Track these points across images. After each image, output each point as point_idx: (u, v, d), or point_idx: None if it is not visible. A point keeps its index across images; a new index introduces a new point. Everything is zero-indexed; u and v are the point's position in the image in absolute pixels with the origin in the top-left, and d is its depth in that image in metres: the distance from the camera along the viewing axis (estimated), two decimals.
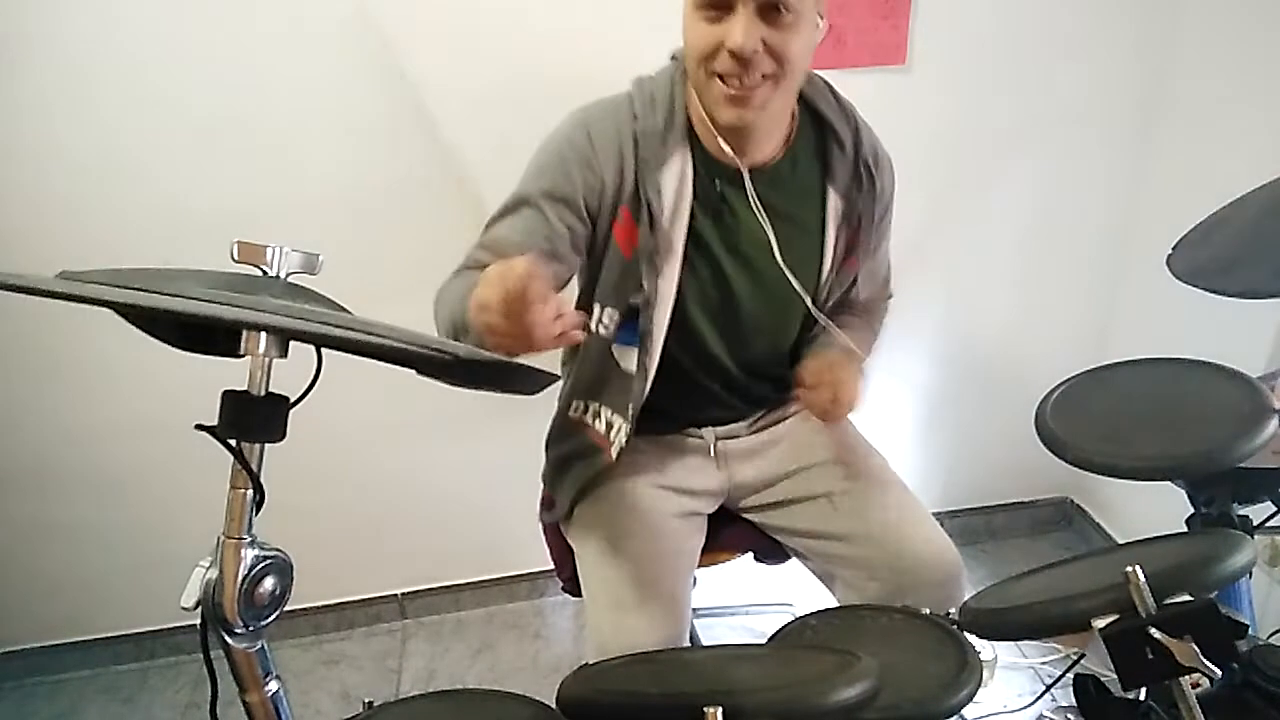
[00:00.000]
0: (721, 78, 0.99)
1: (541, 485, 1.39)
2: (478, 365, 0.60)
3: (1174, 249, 1.12)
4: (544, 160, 1.09)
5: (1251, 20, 1.54)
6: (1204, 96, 1.66)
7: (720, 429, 1.31)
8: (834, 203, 1.15)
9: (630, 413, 1.17)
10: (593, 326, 1.15)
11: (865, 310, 1.33)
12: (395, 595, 2.02)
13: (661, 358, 1.15)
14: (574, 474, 1.25)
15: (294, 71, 1.46)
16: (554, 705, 0.90)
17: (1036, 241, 1.86)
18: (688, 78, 1.08)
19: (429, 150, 1.56)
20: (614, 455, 1.19)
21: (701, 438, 1.30)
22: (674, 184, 1.07)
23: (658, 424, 1.27)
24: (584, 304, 1.17)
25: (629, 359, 1.16)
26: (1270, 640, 1.13)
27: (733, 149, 1.07)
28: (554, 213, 1.06)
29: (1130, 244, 1.85)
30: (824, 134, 1.14)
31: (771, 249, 1.11)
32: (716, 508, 1.32)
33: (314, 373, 0.73)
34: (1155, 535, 1.04)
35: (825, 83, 1.15)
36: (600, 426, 1.22)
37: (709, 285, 1.14)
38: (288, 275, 0.77)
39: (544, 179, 1.07)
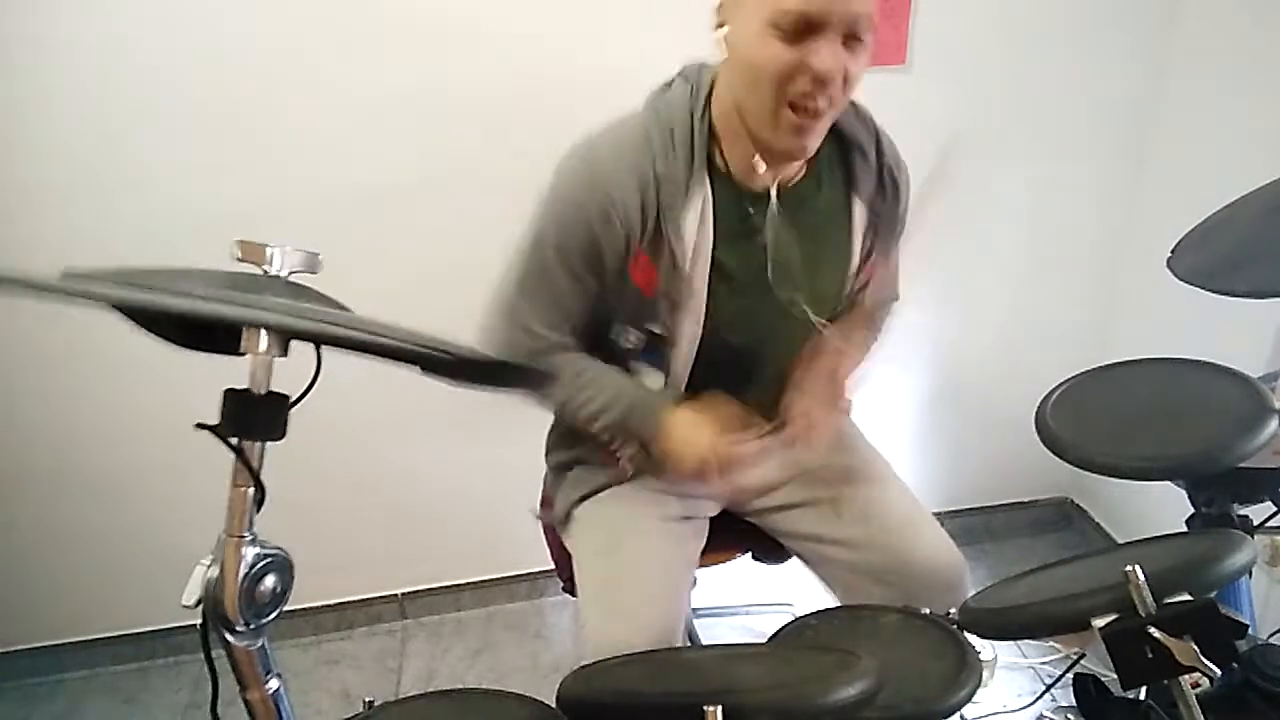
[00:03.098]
0: (792, 106, 0.95)
1: (542, 486, 1.40)
2: (478, 364, 0.60)
3: (1174, 252, 1.12)
4: (562, 218, 1.06)
5: (1250, 20, 1.54)
6: (1203, 96, 1.66)
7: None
8: (860, 212, 1.13)
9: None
10: (616, 339, 1.13)
11: (868, 313, 1.30)
12: (395, 595, 2.02)
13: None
14: (574, 478, 1.25)
15: (295, 71, 1.46)
16: (554, 705, 0.90)
17: (1036, 241, 1.86)
18: (709, 102, 1.05)
19: (430, 150, 1.56)
20: (630, 470, 1.21)
21: None
22: (695, 224, 1.05)
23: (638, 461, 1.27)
24: (599, 319, 1.15)
25: (651, 378, 1.16)
26: (1270, 640, 1.13)
27: (781, 161, 1.05)
28: (583, 269, 1.07)
29: (1130, 244, 1.85)
30: (846, 145, 1.12)
31: (792, 272, 1.10)
32: (718, 512, 1.32)
33: (314, 372, 0.73)
34: (1155, 535, 1.04)
35: None
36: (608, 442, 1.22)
37: (733, 315, 1.12)
38: (289, 274, 0.77)
39: (567, 240, 1.05)
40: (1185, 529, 1.16)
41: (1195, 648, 0.73)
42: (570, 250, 1.05)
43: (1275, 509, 1.11)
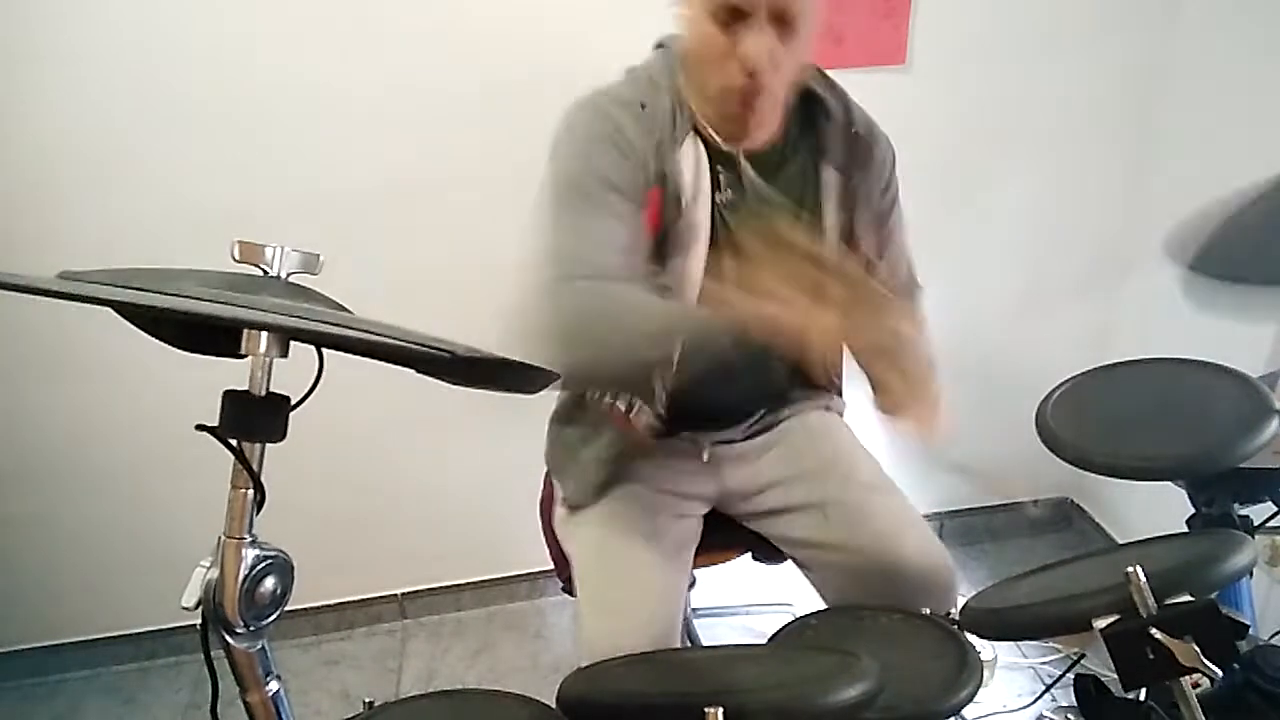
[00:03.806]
0: (728, 92, 0.98)
1: (541, 486, 1.39)
2: (478, 364, 0.60)
3: (1172, 251, 1.11)
4: (581, 149, 1.05)
5: (1251, 19, 1.54)
6: (1203, 95, 1.66)
7: (714, 434, 1.30)
8: (829, 178, 1.13)
9: (660, 395, 1.13)
10: None
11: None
12: (395, 595, 2.02)
13: None
14: (586, 459, 1.23)
15: (295, 72, 1.46)
16: (554, 705, 0.90)
17: (1036, 241, 1.86)
18: (684, 69, 1.07)
19: (430, 150, 1.56)
20: (643, 430, 1.18)
21: (696, 442, 1.30)
22: (692, 165, 1.06)
23: (653, 428, 1.26)
24: None
25: None
26: (1270, 640, 1.13)
27: (733, 138, 1.07)
28: (615, 185, 1.03)
29: (1130, 244, 1.85)
30: (813, 110, 1.13)
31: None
32: (709, 509, 1.32)
33: (316, 374, 0.73)
34: (1155, 535, 1.04)
35: (814, 65, 1.13)
36: (622, 407, 1.19)
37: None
38: (288, 275, 0.77)
39: (594, 164, 1.03)
40: (1185, 529, 1.15)
41: (1196, 648, 0.73)
42: (600, 170, 1.02)
43: (1276, 509, 1.11)
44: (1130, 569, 0.76)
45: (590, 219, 1.02)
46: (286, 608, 0.71)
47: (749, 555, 1.38)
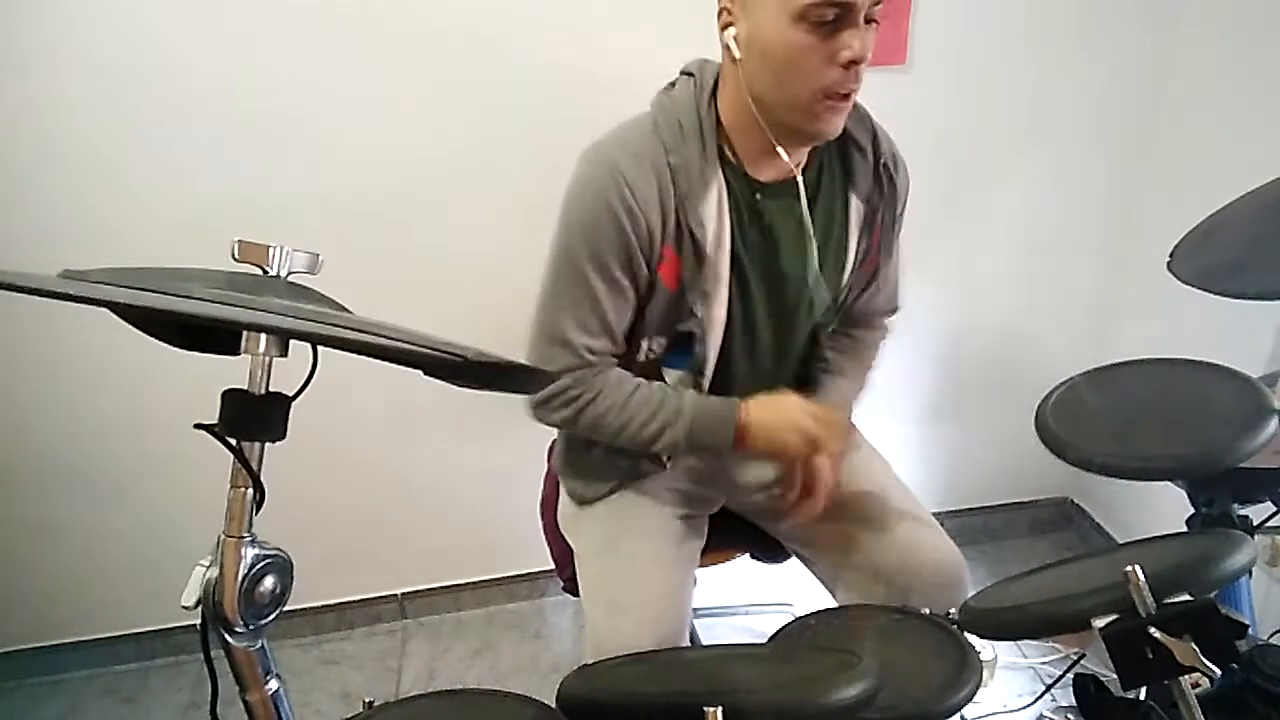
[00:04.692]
0: (826, 93, 0.97)
1: (542, 486, 1.39)
2: (483, 366, 0.60)
3: (1173, 254, 1.11)
4: (588, 222, 1.03)
5: (1251, 19, 1.54)
6: (1204, 95, 1.66)
7: None
8: (856, 207, 1.13)
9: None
10: (641, 356, 1.12)
11: (861, 339, 1.31)
12: (395, 595, 2.02)
13: None
14: (599, 456, 1.23)
15: (295, 72, 1.46)
16: (554, 705, 0.90)
17: (1037, 241, 1.86)
18: (714, 95, 1.06)
19: (431, 150, 1.56)
20: (668, 465, 1.21)
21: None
22: (714, 213, 1.05)
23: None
24: (628, 335, 1.13)
25: (675, 380, 1.15)
26: (1270, 640, 1.13)
27: (811, 140, 1.06)
28: (619, 270, 1.04)
29: (1130, 244, 1.85)
30: (844, 141, 1.12)
31: (807, 261, 1.10)
32: (718, 508, 1.32)
33: (310, 368, 0.73)
34: (1155, 535, 1.04)
35: None
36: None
37: (746, 305, 1.13)
38: (289, 275, 0.77)
39: (599, 244, 1.03)
40: (1185, 529, 1.16)
41: (1195, 648, 0.73)
42: (604, 253, 1.03)
43: (1275, 509, 1.11)
44: (1129, 568, 0.76)
45: (582, 296, 1.05)
46: (286, 607, 0.71)
47: (749, 555, 1.38)
